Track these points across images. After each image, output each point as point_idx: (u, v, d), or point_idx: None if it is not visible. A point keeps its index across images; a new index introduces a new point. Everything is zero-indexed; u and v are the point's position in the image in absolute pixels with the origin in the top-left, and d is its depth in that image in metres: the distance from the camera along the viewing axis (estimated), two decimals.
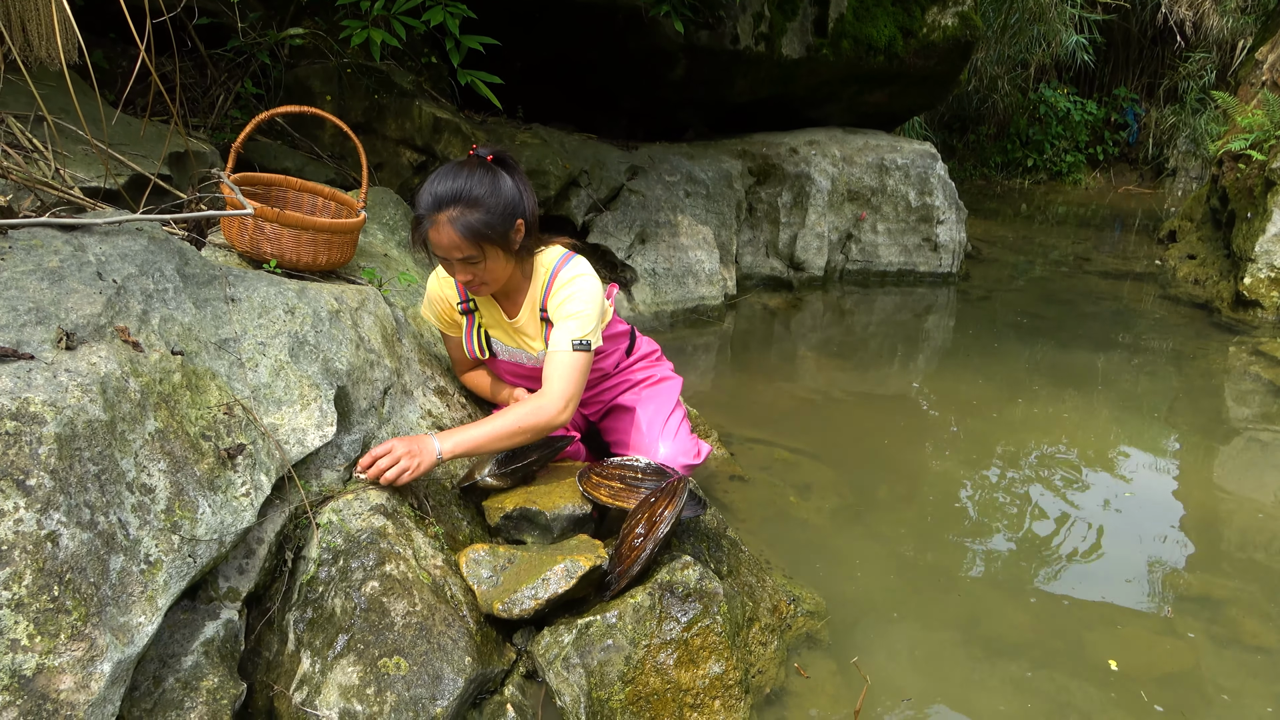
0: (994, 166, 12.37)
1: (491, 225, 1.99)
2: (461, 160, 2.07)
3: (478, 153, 2.09)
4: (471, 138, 4.28)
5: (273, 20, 3.99)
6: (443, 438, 1.99)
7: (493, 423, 2.04)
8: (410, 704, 1.62)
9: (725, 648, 1.88)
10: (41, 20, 2.12)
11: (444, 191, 1.98)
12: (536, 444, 2.18)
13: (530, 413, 2.05)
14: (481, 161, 2.06)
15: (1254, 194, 6.08)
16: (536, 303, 2.22)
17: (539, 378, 2.24)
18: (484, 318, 2.31)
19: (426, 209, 2.00)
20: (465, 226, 1.97)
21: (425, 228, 2.01)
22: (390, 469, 1.91)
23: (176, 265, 1.85)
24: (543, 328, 2.23)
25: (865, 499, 3.04)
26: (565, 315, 2.13)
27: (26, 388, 1.37)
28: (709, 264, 5.17)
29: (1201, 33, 11.80)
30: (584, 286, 2.16)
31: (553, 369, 2.10)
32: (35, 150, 2.20)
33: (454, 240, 1.98)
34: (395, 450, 1.94)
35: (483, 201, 1.99)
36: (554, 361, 2.10)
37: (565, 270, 2.19)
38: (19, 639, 1.23)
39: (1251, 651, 2.35)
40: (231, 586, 1.67)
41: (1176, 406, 4.18)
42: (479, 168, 2.03)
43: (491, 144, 2.13)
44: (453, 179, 2.00)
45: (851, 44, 5.78)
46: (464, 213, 1.97)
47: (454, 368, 2.53)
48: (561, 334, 2.12)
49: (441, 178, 2.01)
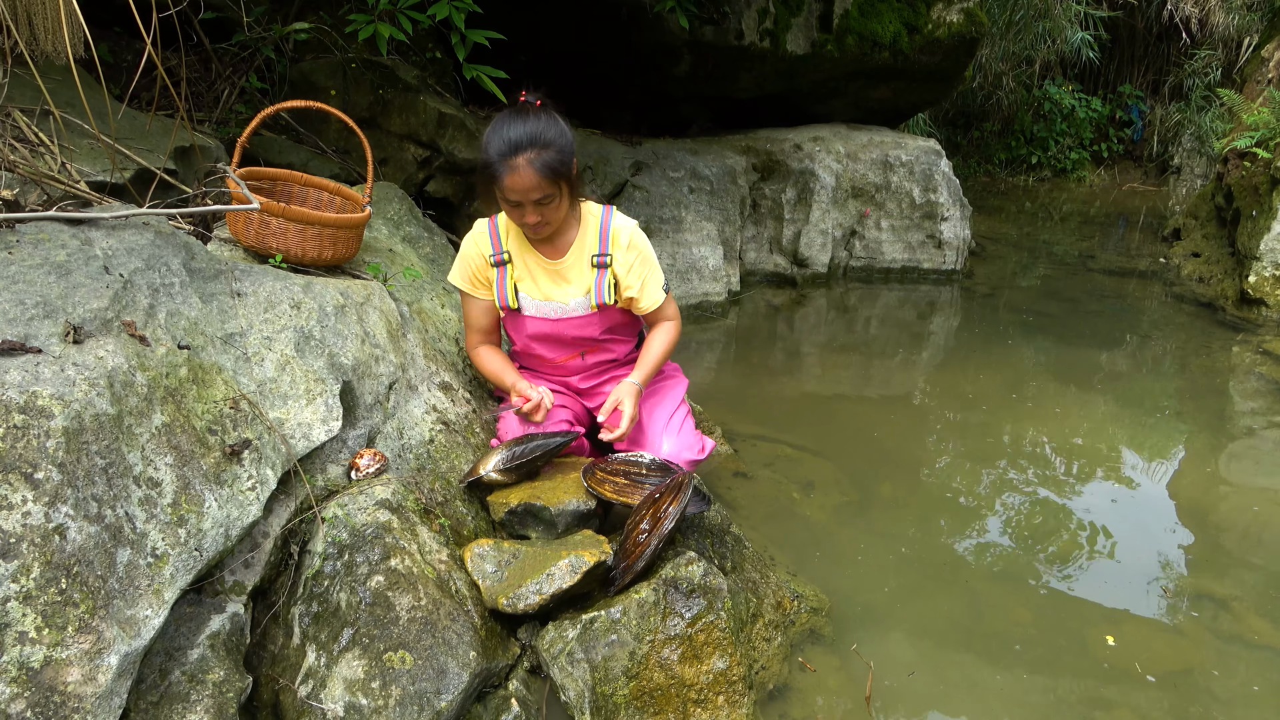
0: (998, 163, 12.34)
1: (565, 163, 2.13)
2: (517, 107, 2.16)
3: (528, 99, 2.18)
4: (476, 133, 4.28)
5: (277, 15, 3.99)
6: (634, 377, 2.34)
7: (652, 351, 2.40)
8: (415, 698, 1.63)
9: (729, 643, 1.88)
10: (47, 14, 2.12)
11: (518, 136, 2.08)
12: (539, 439, 2.19)
13: (671, 333, 2.43)
14: (535, 106, 2.15)
15: (1259, 192, 6.06)
16: (589, 247, 2.34)
17: (560, 335, 2.40)
18: (516, 271, 2.36)
19: (502, 153, 2.09)
20: (544, 165, 2.08)
21: (501, 172, 2.10)
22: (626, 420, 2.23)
23: (183, 260, 1.86)
24: (593, 273, 2.34)
25: (868, 495, 3.04)
26: (644, 273, 2.36)
27: (34, 381, 1.38)
28: (713, 260, 5.16)
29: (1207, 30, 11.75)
30: (644, 240, 2.39)
31: (663, 309, 2.42)
32: (41, 144, 2.20)
33: (533, 180, 2.09)
34: (624, 401, 2.25)
35: (554, 142, 2.10)
36: (663, 305, 2.42)
37: (615, 219, 2.36)
38: (27, 631, 1.23)
39: (1255, 649, 2.35)
40: (237, 580, 1.67)
41: (1180, 404, 4.17)
42: (539, 112, 2.14)
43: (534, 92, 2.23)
44: (521, 124, 2.09)
45: (856, 40, 5.76)
46: (540, 153, 2.08)
47: (468, 339, 2.48)
48: (653, 288, 2.38)
49: (509, 124, 2.10)
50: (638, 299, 2.37)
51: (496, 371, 2.42)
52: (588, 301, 2.36)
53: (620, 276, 2.35)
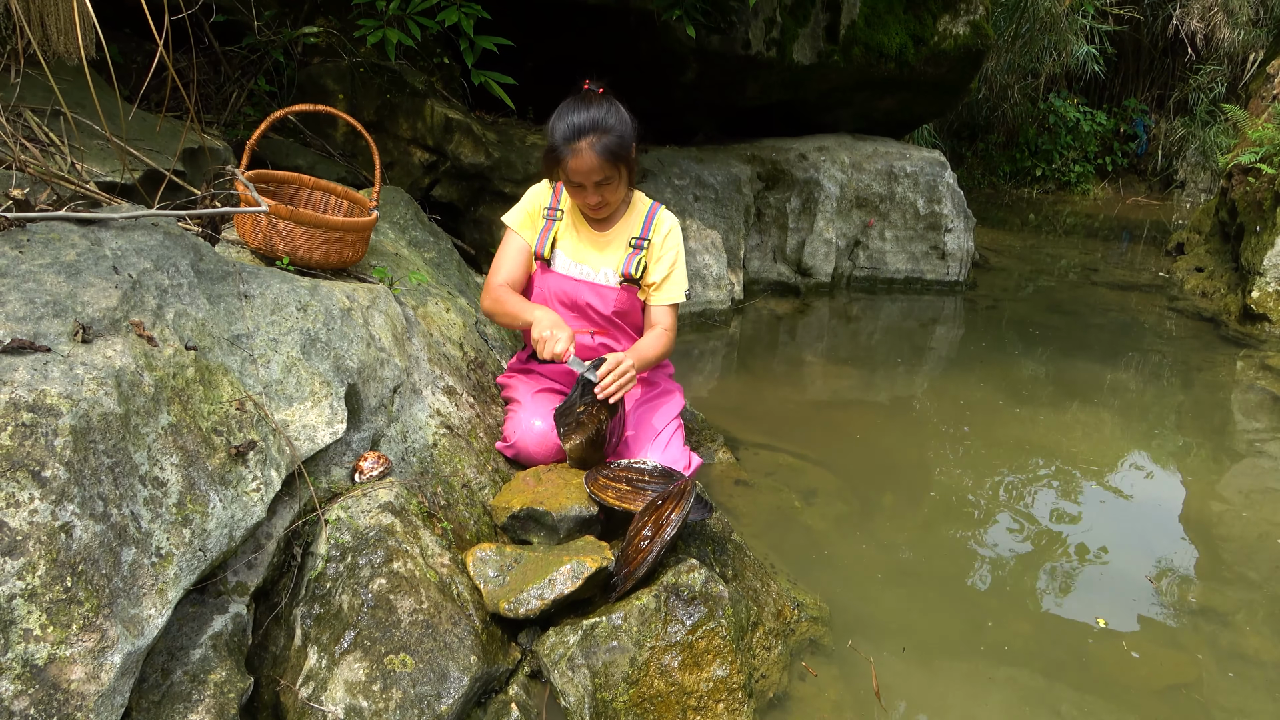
0: (1002, 175, 12.36)
1: (625, 147, 2.27)
2: (581, 94, 2.30)
3: (592, 86, 2.31)
4: (483, 138, 4.29)
5: (287, 18, 4.01)
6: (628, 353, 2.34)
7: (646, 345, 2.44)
8: (416, 701, 1.63)
9: (730, 651, 1.88)
10: (60, 15, 2.13)
11: (582, 121, 2.22)
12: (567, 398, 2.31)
13: (664, 342, 2.48)
14: (598, 94, 2.28)
15: (1263, 207, 6.07)
16: (633, 229, 2.48)
17: (576, 299, 2.47)
18: (561, 227, 2.48)
19: (566, 138, 2.23)
20: (605, 149, 2.22)
21: (565, 155, 2.25)
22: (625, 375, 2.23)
23: (191, 261, 1.87)
24: (627, 251, 2.47)
25: (869, 506, 3.04)
26: (672, 266, 2.47)
27: (43, 380, 1.39)
28: (716, 268, 5.17)
29: (1212, 45, 11.78)
30: (680, 239, 2.51)
31: (668, 313, 2.50)
32: (52, 144, 2.21)
33: (595, 163, 2.24)
34: (625, 362, 2.24)
35: (614, 127, 2.24)
36: (670, 309, 2.50)
37: (662, 212, 2.52)
38: (31, 629, 1.24)
39: (1256, 665, 2.35)
40: (240, 581, 1.68)
41: (1183, 419, 4.17)
42: (601, 99, 2.27)
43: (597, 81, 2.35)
44: (585, 110, 2.24)
45: (862, 51, 5.78)
46: (602, 137, 2.22)
47: (492, 281, 2.48)
48: (675, 284, 2.49)
49: (574, 110, 2.24)
50: (659, 287, 2.48)
51: (516, 309, 2.39)
52: (615, 274, 2.47)
53: (650, 263, 2.47)
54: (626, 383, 2.24)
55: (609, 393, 2.21)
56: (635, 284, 2.48)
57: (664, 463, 2.33)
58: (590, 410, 2.23)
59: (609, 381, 2.22)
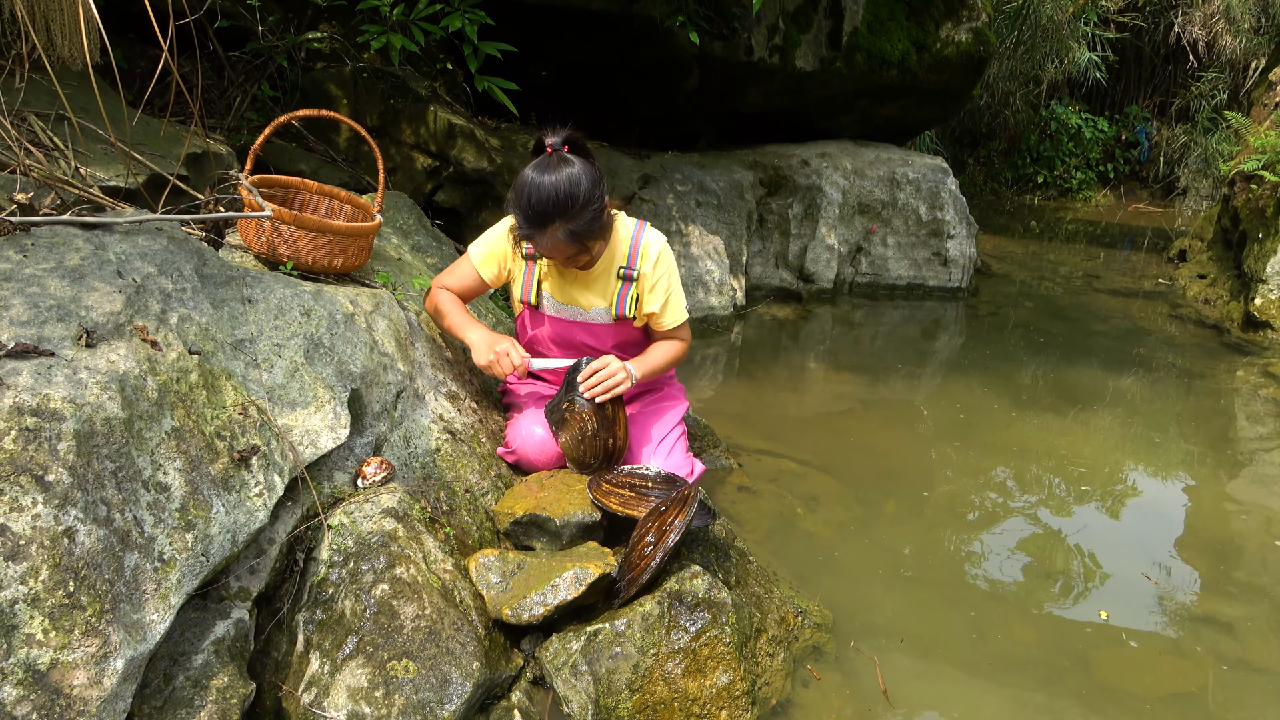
0: (1004, 182, 12.36)
1: (593, 223, 2.13)
2: (543, 161, 2.11)
3: (554, 147, 2.13)
4: (485, 144, 4.30)
5: (290, 24, 4.02)
6: (632, 365, 2.31)
7: (655, 354, 2.40)
8: (418, 707, 1.63)
9: (733, 658, 1.88)
10: (65, 20, 2.14)
11: (545, 206, 2.06)
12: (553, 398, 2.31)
13: (677, 350, 2.45)
14: (562, 157, 2.11)
15: (1266, 215, 6.07)
16: (617, 260, 2.36)
17: (571, 339, 2.43)
18: (543, 270, 2.39)
19: (530, 227, 2.11)
20: (571, 235, 2.11)
21: (531, 237, 2.15)
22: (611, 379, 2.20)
23: (195, 265, 1.87)
24: (617, 285, 2.37)
25: (872, 512, 3.04)
26: (668, 291, 2.39)
27: (47, 384, 1.39)
28: (718, 274, 5.17)
29: (1214, 53, 11.79)
30: (671, 258, 2.40)
31: (679, 329, 2.45)
32: (56, 149, 2.22)
33: (563, 248, 2.14)
34: (613, 364, 2.21)
35: (582, 207, 2.09)
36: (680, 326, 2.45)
37: (645, 234, 2.38)
38: (34, 634, 1.23)
39: (1259, 673, 2.34)
40: (242, 586, 1.67)
41: (1185, 426, 4.17)
42: (562, 166, 2.09)
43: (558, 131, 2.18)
44: (550, 187, 2.06)
45: (865, 57, 5.79)
46: (567, 223, 2.09)
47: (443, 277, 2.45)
48: (675, 307, 2.41)
49: (535, 188, 2.07)
50: (659, 316, 2.41)
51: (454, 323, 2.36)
52: (608, 312, 2.39)
53: (644, 293, 2.38)
54: (613, 384, 2.21)
55: (594, 393, 2.20)
56: (630, 319, 2.42)
57: (667, 468, 2.32)
58: (573, 408, 2.23)
59: (592, 382, 2.21)
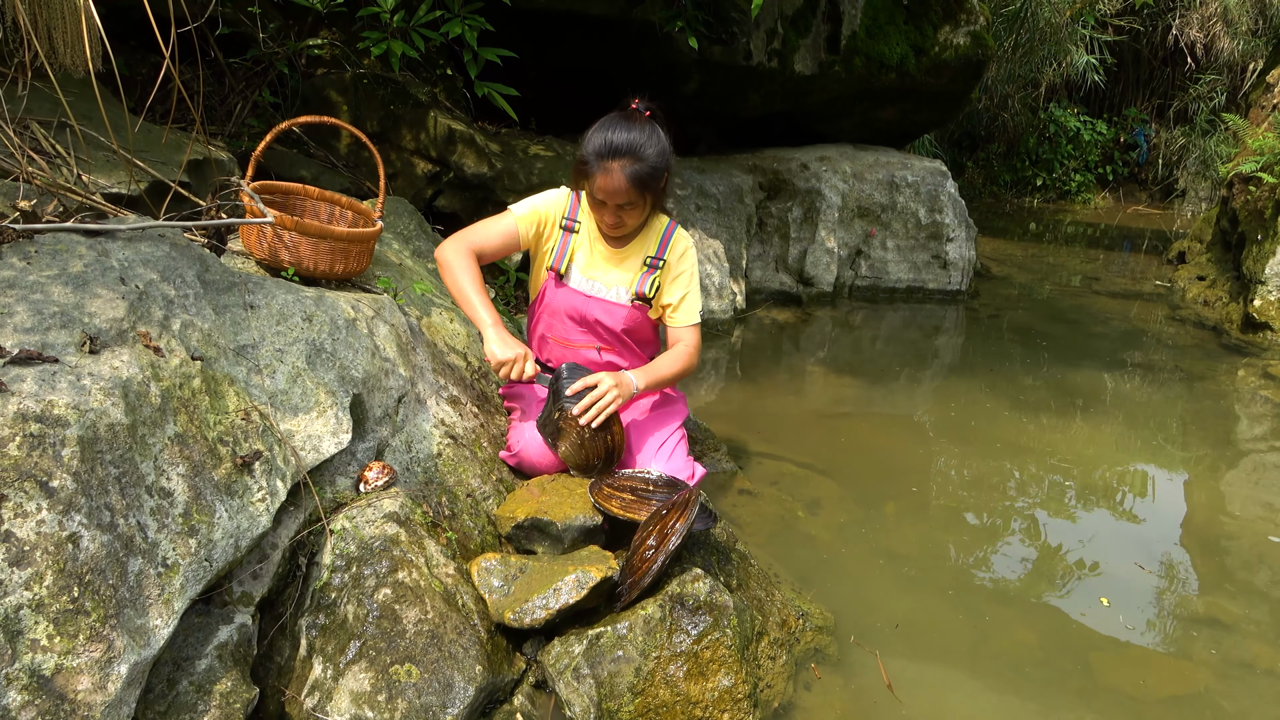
0: (1003, 185, 12.39)
1: (656, 177, 2.22)
2: (626, 112, 2.23)
3: (639, 106, 2.25)
4: (485, 149, 4.31)
5: (291, 31, 4.03)
6: (635, 375, 2.30)
7: (663, 364, 2.40)
8: (421, 711, 1.63)
9: (735, 661, 1.88)
10: (67, 27, 2.15)
11: (619, 142, 2.16)
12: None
13: (686, 359, 2.44)
14: (643, 116, 2.22)
15: (1265, 216, 6.08)
16: (649, 247, 2.43)
17: (586, 314, 2.43)
18: (578, 243, 2.43)
19: (599, 154, 2.19)
20: (635, 175, 2.18)
21: (594, 170, 2.20)
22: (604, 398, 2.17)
23: (197, 271, 1.87)
24: (641, 269, 2.43)
25: (873, 515, 3.04)
26: (687, 289, 2.44)
27: (51, 390, 1.39)
28: (718, 278, 5.18)
29: (1212, 55, 11.82)
30: (695, 259, 2.48)
31: (690, 333, 2.48)
32: (58, 156, 2.22)
33: (622, 186, 2.18)
34: (605, 382, 2.19)
35: (650, 156, 2.19)
36: (690, 332, 2.47)
37: (679, 232, 2.47)
38: (39, 639, 1.24)
39: (1261, 674, 2.34)
40: (245, 591, 1.68)
41: (1185, 428, 4.17)
42: (644, 122, 2.22)
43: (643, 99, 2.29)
44: (626, 130, 2.18)
45: (864, 61, 5.81)
46: (634, 163, 2.17)
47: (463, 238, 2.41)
48: (691, 307, 2.46)
49: (614, 127, 2.19)
50: (675, 309, 2.46)
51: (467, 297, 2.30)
52: (627, 292, 2.44)
53: (665, 282, 2.45)
54: (605, 405, 2.20)
55: (588, 418, 2.19)
56: (647, 303, 2.46)
57: (668, 472, 2.33)
58: (565, 416, 2.24)
59: (585, 405, 2.18)
